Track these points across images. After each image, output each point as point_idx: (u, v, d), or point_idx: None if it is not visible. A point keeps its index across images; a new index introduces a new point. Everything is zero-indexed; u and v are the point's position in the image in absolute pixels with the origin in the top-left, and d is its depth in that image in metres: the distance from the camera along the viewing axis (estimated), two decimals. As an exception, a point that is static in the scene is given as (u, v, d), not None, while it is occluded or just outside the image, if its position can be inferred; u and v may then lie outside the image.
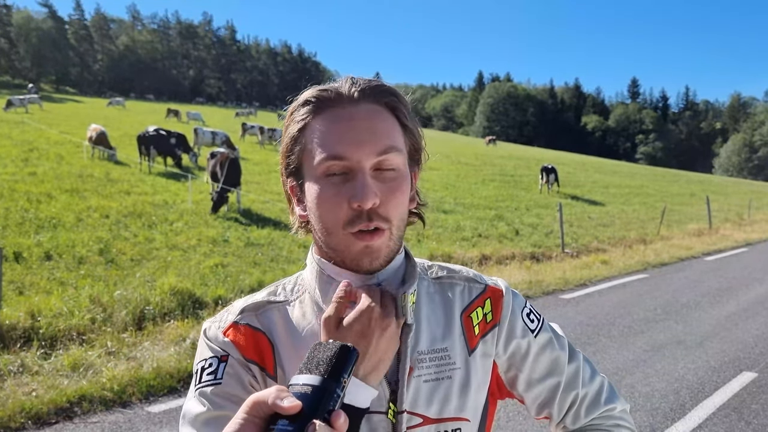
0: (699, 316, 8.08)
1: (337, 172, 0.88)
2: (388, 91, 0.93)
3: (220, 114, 61.58)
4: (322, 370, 0.68)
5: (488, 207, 17.79)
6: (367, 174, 0.87)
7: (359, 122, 0.88)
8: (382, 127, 0.90)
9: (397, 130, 0.92)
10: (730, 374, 5.88)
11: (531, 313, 1.05)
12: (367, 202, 0.85)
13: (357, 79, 0.93)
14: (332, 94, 0.90)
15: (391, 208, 0.89)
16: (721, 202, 27.64)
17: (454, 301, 1.01)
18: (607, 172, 38.31)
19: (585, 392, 1.05)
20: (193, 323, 6.37)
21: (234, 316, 0.98)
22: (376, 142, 0.88)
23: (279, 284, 1.04)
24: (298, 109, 0.93)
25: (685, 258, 13.21)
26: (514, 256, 11.57)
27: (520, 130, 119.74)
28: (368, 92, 0.91)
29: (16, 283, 7.17)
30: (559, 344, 1.05)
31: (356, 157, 0.87)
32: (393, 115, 0.92)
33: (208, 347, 0.97)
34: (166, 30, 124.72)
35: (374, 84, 0.92)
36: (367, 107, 0.90)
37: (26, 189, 12.65)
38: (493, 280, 1.06)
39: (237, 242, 10.40)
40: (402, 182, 0.91)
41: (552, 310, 8.15)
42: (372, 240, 0.88)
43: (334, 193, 0.88)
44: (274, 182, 17.75)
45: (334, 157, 0.87)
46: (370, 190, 0.86)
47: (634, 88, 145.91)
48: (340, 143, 0.87)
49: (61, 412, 4.49)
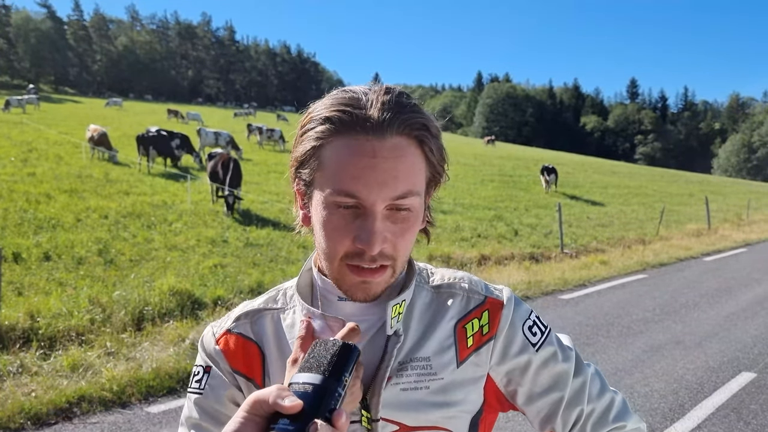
0: (698, 317, 8.09)
1: (348, 206, 0.83)
2: (420, 122, 0.84)
3: (219, 114, 61.53)
4: (323, 368, 0.67)
5: (487, 207, 17.80)
6: (378, 217, 0.82)
7: (382, 161, 0.81)
8: (405, 168, 0.82)
9: (421, 168, 0.85)
10: (728, 374, 5.88)
11: (534, 326, 1.00)
12: (373, 249, 0.82)
13: (387, 100, 0.83)
14: (356, 118, 0.81)
15: (399, 247, 0.86)
16: (719, 202, 27.66)
17: (448, 311, 0.97)
18: (606, 173, 38.33)
19: (591, 408, 1.00)
20: (193, 324, 6.37)
21: (229, 323, 1.00)
22: (395, 186, 0.81)
23: (281, 288, 1.03)
24: (316, 125, 0.84)
25: (684, 258, 13.22)
26: (513, 256, 11.57)
27: (519, 130, 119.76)
28: (399, 123, 0.81)
29: (15, 284, 7.16)
30: (564, 357, 1.00)
31: (371, 200, 0.81)
32: (419, 150, 0.85)
33: (201, 354, 1.00)
34: (165, 30, 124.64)
35: (406, 114, 0.82)
36: (393, 142, 0.82)
37: (25, 189, 12.64)
38: (497, 292, 1.01)
39: (236, 243, 10.39)
40: (414, 222, 0.87)
41: (551, 310, 8.16)
42: (372, 277, 0.86)
43: (341, 225, 0.83)
44: (273, 182, 17.74)
45: (347, 194, 0.81)
46: (379, 236, 0.82)
47: (633, 88, 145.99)
48: (356, 181, 0.81)
49: (60, 413, 4.49)
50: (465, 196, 19.66)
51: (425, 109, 0.88)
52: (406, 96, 0.86)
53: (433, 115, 0.88)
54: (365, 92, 0.84)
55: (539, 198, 21.65)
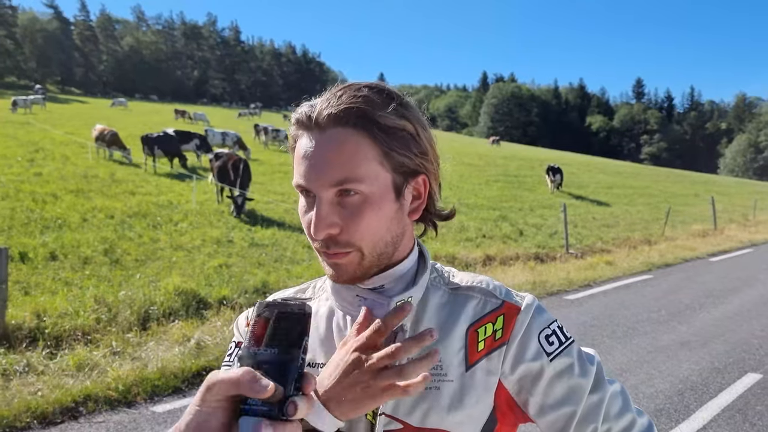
0: (703, 317, 8.06)
1: (307, 195, 0.91)
2: (357, 112, 0.87)
3: (223, 114, 61.62)
4: (280, 339, 0.67)
5: (492, 207, 17.79)
6: (324, 204, 0.88)
7: (318, 151, 0.87)
8: (340, 157, 0.86)
9: (366, 155, 0.87)
10: (734, 375, 5.86)
11: (553, 335, 0.97)
12: (318, 234, 0.88)
13: (339, 95, 0.89)
14: (305, 117, 0.90)
15: (355, 233, 0.88)
16: (725, 202, 27.57)
17: (462, 314, 0.96)
18: (612, 173, 38.24)
19: (607, 428, 0.96)
20: (198, 323, 6.39)
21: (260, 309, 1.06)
22: (330, 174, 0.86)
23: (313, 282, 1.10)
24: (292, 124, 0.94)
25: (690, 259, 13.18)
26: (518, 256, 11.56)
27: (524, 130, 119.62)
28: (336, 116, 0.87)
29: (22, 283, 7.20)
30: (581, 371, 0.96)
31: (312, 186, 0.88)
32: (366, 138, 0.87)
33: (235, 333, 1.10)
34: (171, 31, 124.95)
35: (344, 106, 0.87)
36: (331, 133, 0.87)
37: (32, 189, 12.70)
38: (517, 298, 0.99)
39: (241, 243, 10.42)
40: (366, 207, 0.88)
41: (556, 310, 8.14)
42: (338, 259, 0.90)
43: (305, 214, 0.91)
44: (278, 183, 17.77)
45: (298, 185, 0.90)
46: (322, 222, 0.87)
47: (639, 88, 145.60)
48: (302, 171, 0.89)
49: (66, 412, 4.51)
50: (470, 196, 19.65)
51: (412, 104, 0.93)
52: (372, 89, 0.90)
53: (412, 110, 0.92)
54: (335, 90, 0.91)
55: (544, 198, 21.62)
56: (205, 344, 5.79)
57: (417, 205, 0.96)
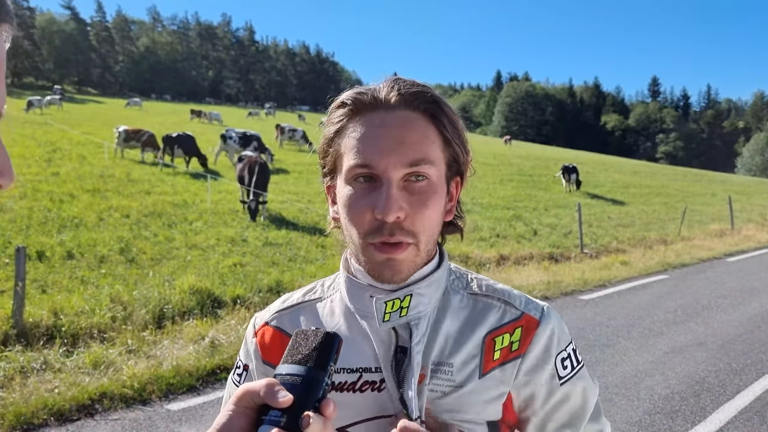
0: (720, 318, 7.97)
1: (364, 179, 0.86)
2: (428, 98, 0.88)
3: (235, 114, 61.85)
4: (308, 359, 0.69)
5: (506, 207, 17.72)
6: (393, 185, 0.84)
7: (390, 130, 0.85)
8: (414, 136, 0.85)
9: (433, 140, 0.88)
10: (752, 377, 5.79)
11: (568, 359, 0.97)
12: (389, 215, 0.82)
13: (399, 82, 0.89)
14: (368, 98, 0.87)
15: (418, 221, 0.86)
16: (743, 202, 27.21)
17: (481, 320, 0.95)
18: (627, 172, 37.91)
19: None
20: (212, 322, 6.43)
21: (269, 316, 1.04)
22: (405, 153, 0.84)
23: (320, 281, 1.06)
24: (335, 110, 0.91)
25: (707, 259, 13.03)
26: (533, 256, 11.50)
27: (539, 129, 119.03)
28: (406, 98, 0.87)
29: (39, 282, 7.29)
30: (585, 397, 0.98)
31: (382, 167, 0.84)
32: (432, 124, 0.88)
33: (244, 346, 1.05)
34: (186, 31, 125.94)
35: (414, 90, 0.87)
36: (402, 114, 0.86)
37: (49, 189, 12.85)
38: (536, 310, 0.97)
39: (255, 242, 10.46)
40: (432, 195, 0.87)
41: (570, 311, 8.10)
42: (395, 253, 0.86)
43: (360, 199, 0.86)
44: (292, 182, 17.84)
45: (361, 165, 0.85)
46: (394, 202, 0.83)
47: (655, 86, 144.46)
48: (368, 151, 0.85)
49: (82, 409, 4.56)
50: (484, 195, 19.58)
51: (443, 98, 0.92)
52: (418, 82, 0.91)
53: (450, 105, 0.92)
54: (377, 83, 0.91)
55: (559, 198, 21.49)
56: (220, 343, 5.83)
57: (450, 207, 0.96)
